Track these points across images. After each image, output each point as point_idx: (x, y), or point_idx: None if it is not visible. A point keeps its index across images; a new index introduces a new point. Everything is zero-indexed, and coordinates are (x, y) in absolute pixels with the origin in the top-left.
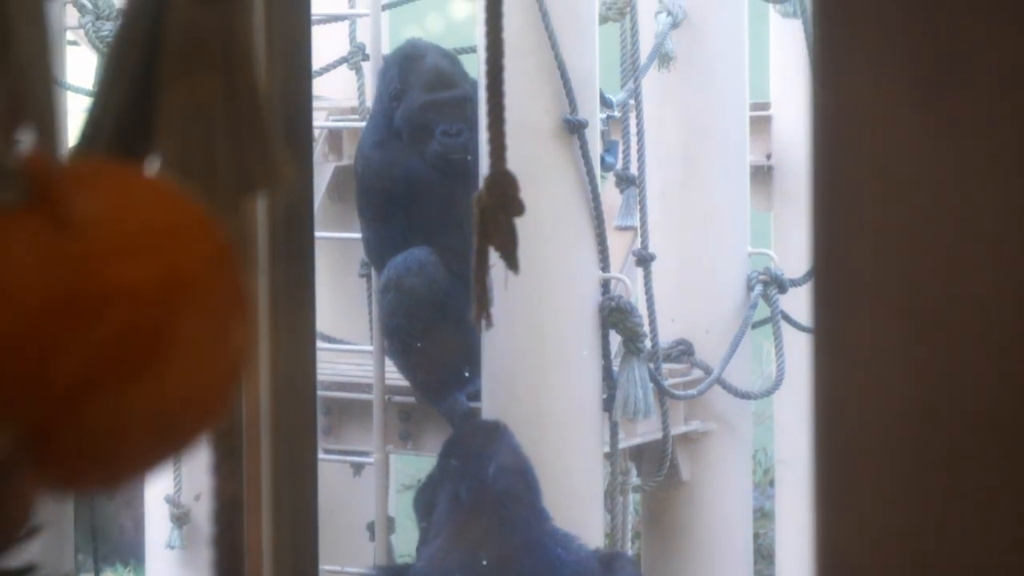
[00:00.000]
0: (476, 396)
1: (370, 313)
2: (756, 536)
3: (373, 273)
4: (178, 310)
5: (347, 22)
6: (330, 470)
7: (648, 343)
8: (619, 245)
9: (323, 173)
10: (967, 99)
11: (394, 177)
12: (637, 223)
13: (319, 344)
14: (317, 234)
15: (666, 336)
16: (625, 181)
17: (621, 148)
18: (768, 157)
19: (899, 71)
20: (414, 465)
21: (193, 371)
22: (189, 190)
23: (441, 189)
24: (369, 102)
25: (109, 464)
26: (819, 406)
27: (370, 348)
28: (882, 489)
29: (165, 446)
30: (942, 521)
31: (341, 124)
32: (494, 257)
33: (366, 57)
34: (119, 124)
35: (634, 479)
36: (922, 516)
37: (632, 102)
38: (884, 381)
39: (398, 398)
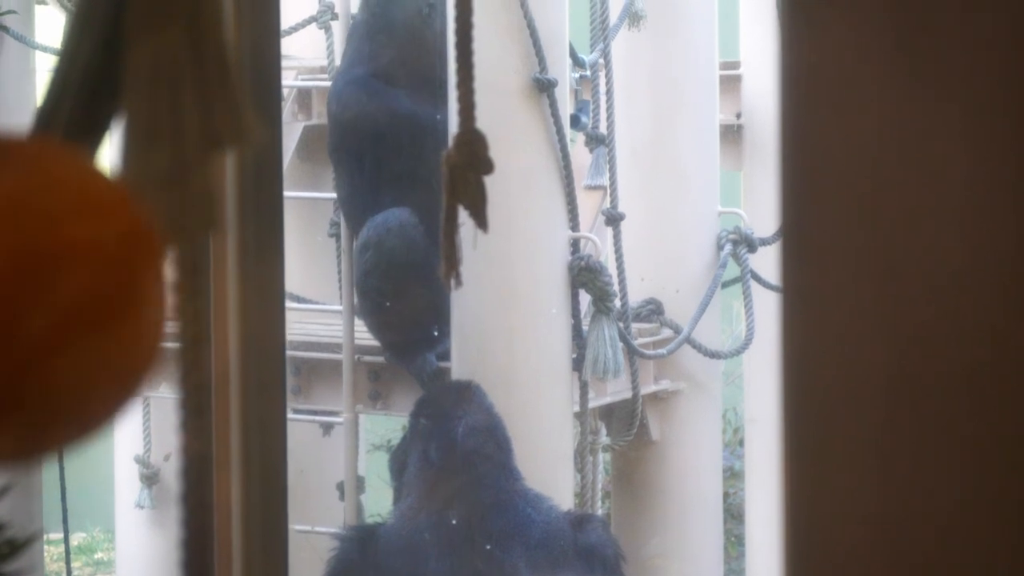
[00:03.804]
0: (446, 356)
1: (339, 273)
2: (726, 495)
3: (343, 232)
4: (131, 267)
5: None
6: (300, 430)
7: (617, 302)
8: (589, 204)
9: (292, 133)
10: (935, 56)
11: (370, 112)
12: (607, 182)
13: (288, 304)
14: (286, 194)
15: (635, 295)
16: (595, 140)
17: (592, 107)
18: (738, 116)
19: (868, 29)
20: (384, 425)
21: (141, 326)
22: (156, 147)
23: (417, 128)
24: (338, 61)
25: (74, 420)
26: (789, 365)
27: (339, 308)
28: (852, 448)
29: (122, 399)
30: (912, 480)
31: (310, 83)
32: (463, 216)
33: (335, 16)
34: (85, 82)
35: (604, 438)
36: (891, 475)
37: (602, 61)
38: (854, 339)
39: (367, 358)
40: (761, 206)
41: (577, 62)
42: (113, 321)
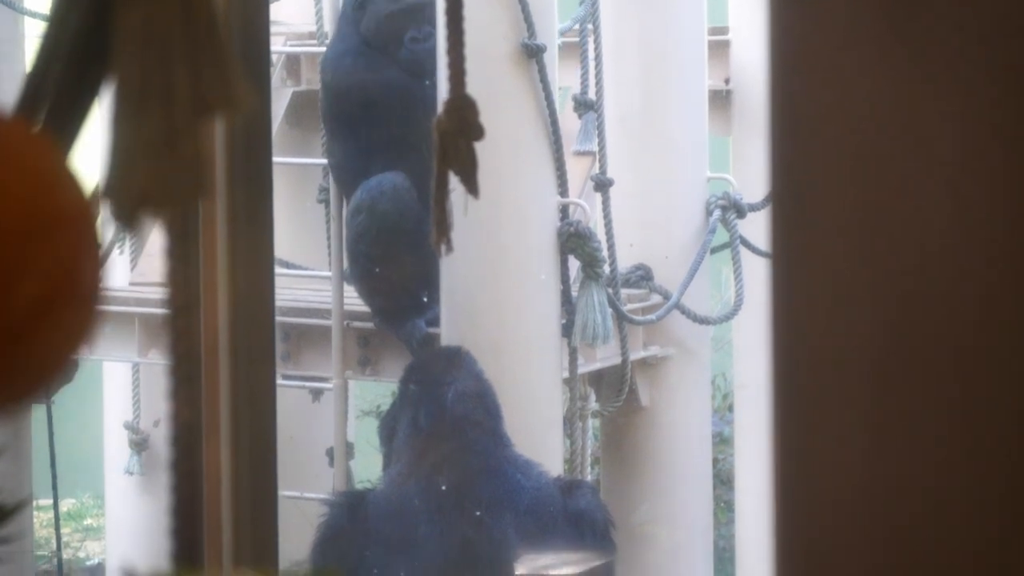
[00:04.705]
0: (435, 322)
1: (328, 239)
2: (715, 461)
3: (332, 196)
4: (89, 235)
5: None
6: (289, 396)
7: (607, 268)
8: (578, 170)
9: (281, 98)
10: (926, 19)
11: (364, 83)
12: (596, 148)
13: (277, 270)
14: (275, 160)
15: (625, 261)
16: (583, 106)
17: (580, 73)
18: (727, 82)
19: None
20: (373, 391)
21: (95, 288)
22: (146, 113)
23: (410, 97)
24: (327, 27)
25: (44, 375)
26: (778, 331)
27: (328, 274)
28: (841, 413)
29: (78, 350)
30: (903, 444)
31: (299, 49)
32: (454, 182)
33: None
34: (74, 48)
35: (593, 404)
36: (883, 439)
37: (590, 26)
38: (843, 304)
39: (357, 324)
40: (750, 172)
41: None
42: (78, 286)
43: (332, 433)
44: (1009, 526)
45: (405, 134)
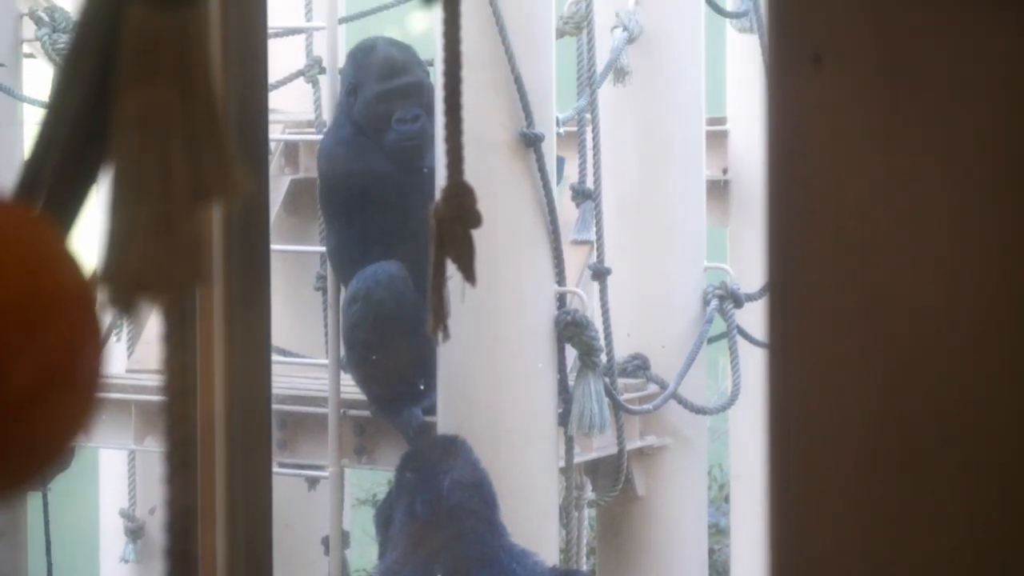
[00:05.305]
0: (431, 410)
1: (325, 326)
2: (711, 552)
3: (330, 284)
4: (87, 317)
5: (304, 35)
6: (285, 484)
7: (604, 357)
8: (575, 259)
9: (279, 186)
10: (920, 112)
11: (356, 173)
12: (593, 237)
13: (274, 357)
14: (272, 247)
15: (622, 350)
16: (581, 195)
17: (577, 162)
18: (724, 172)
19: (853, 87)
20: (369, 479)
21: (96, 370)
22: (144, 198)
23: (402, 187)
24: (325, 115)
25: (44, 460)
26: (775, 421)
27: (325, 362)
28: (837, 504)
29: (79, 435)
30: (897, 536)
31: (297, 137)
32: (451, 269)
33: (322, 70)
34: (73, 134)
35: (589, 494)
36: (877, 531)
37: (588, 116)
38: (840, 395)
39: (353, 412)
40: (747, 262)
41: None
42: (77, 370)
43: (328, 522)
44: None
45: (396, 222)
